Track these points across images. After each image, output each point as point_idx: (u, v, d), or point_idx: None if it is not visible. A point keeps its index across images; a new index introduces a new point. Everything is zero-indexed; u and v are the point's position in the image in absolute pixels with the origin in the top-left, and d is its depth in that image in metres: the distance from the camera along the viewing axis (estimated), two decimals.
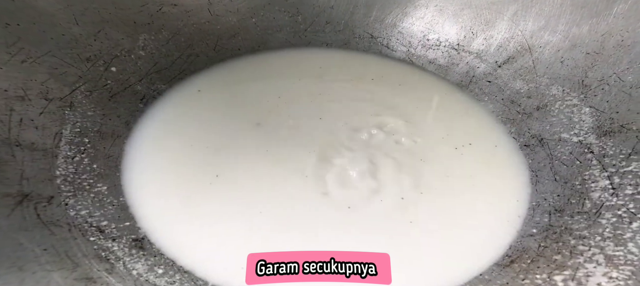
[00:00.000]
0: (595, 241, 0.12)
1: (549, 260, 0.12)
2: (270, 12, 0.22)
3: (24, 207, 0.12)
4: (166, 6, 0.20)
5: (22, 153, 0.13)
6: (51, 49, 0.16)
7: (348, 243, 0.13)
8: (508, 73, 0.20)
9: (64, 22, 0.17)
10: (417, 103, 0.19)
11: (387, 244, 0.13)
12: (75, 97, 0.16)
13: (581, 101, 0.16)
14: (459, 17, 0.21)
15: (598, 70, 0.16)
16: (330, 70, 0.21)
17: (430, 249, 0.13)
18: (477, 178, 0.15)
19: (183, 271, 0.13)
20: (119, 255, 0.12)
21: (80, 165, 0.14)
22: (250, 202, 0.14)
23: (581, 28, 0.17)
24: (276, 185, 0.15)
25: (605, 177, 0.13)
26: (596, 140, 0.15)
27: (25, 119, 0.14)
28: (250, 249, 0.13)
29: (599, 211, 0.13)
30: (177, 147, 0.16)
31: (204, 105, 0.18)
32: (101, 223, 0.13)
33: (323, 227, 0.14)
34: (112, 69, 0.18)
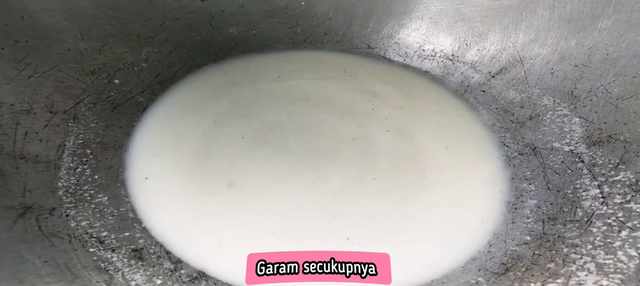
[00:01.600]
0: (586, 249, 0.12)
1: (543, 268, 0.12)
2: (270, 24, 0.23)
3: (26, 219, 0.12)
4: (169, 20, 0.21)
5: (26, 166, 0.14)
6: (57, 64, 0.16)
7: (347, 243, 0.13)
8: (501, 83, 0.20)
9: (70, 38, 0.17)
10: (414, 110, 0.20)
11: (385, 242, 0.13)
12: (79, 110, 0.16)
13: (571, 111, 0.17)
14: (453, 29, 0.22)
15: (586, 82, 0.17)
16: (327, 74, 0.21)
17: (422, 246, 0.13)
18: (460, 180, 0.16)
19: (182, 280, 0.13)
20: (118, 266, 0.13)
21: (82, 176, 0.15)
22: (250, 203, 0.14)
23: (569, 41, 0.18)
24: (276, 187, 0.15)
25: (596, 186, 0.14)
26: (586, 149, 0.15)
27: (30, 132, 0.14)
28: (250, 250, 0.13)
29: (590, 219, 0.13)
30: (176, 155, 0.16)
31: (201, 111, 0.19)
32: (101, 234, 0.13)
33: (322, 227, 0.14)
34: (115, 81, 0.18)
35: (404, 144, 0.17)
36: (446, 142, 0.18)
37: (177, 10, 0.21)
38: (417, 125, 0.18)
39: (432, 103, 0.20)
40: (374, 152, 0.17)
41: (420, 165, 0.16)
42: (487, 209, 0.15)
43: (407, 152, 0.17)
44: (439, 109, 0.20)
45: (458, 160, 0.17)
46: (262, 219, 0.14)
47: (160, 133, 0.17)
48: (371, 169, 0.16)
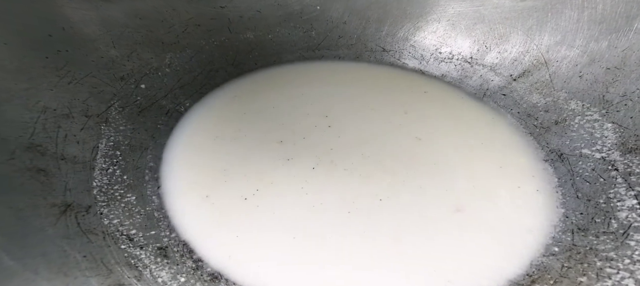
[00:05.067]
0: (624, 264, 0.11)
1: (573, 282, 0.12)
2: (286, 28, 0.23)
3: (67, 216, 0.13)
4: (190, 27, 0.21)
5: (66, 166, 0.15)
6: (92, 71, 0.18)
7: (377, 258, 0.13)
8: (524, 86, 0.19)
9: (103, 46, 0.18)
10: (431, 114, 0.19)
11: (409, 255, 0.13)
12: (110, 113, 0.17)
13: (602, 116, 0.16)
14: (472, 31, 0.22)
15: (620, 85, 0.16)
16: (342, 82, 0.21)
17: (448, 258, 0.13)
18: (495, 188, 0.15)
19: (203, 279, 0.13)
20: (146, 263, 0.13)
21: (113, 177, 0.16)
22: (272, 212, 0.15)
23: (600, 43, 0.17)
24: (294, 192, 0.15)
25: (632, 196, 0.13)
26: (621, 157, 0.14)
27: (69, 135, 0.15)
28: (274, 256, 0.13)
29: (627, 232, 0.12)
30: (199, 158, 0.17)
31: (222, 117, 0.19)
32: (131, 232, 0.14)
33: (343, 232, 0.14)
34: (141, 86, 0.19)
35: (422, 151, 0.17)
36: (466, 147, 0.17)
37: (198, 16, 0.21)
38: (434, 130, 0.18)
39: (449, 107, 0.20)
40: (390, 159, 0.16)
41: (440, 174, 0.16)
42: (512, 217, 0.14)
43: (426, 160, 0.17)
44: (457, 114, 0.19)
45: (478, 166, 0.16)
46: (282, 224, 0.14)
47: (184, 137, 0.18)
48: (392, 182, 0.15)
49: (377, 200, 0.15)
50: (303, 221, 0.14)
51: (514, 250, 0.13)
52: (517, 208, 0.15)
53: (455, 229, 0.14)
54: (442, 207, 0.15)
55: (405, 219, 0.14)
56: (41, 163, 0.14)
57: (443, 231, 0.14)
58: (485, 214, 0.14)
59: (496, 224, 0.14)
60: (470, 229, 0.14)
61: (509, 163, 0.16)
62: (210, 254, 0.14)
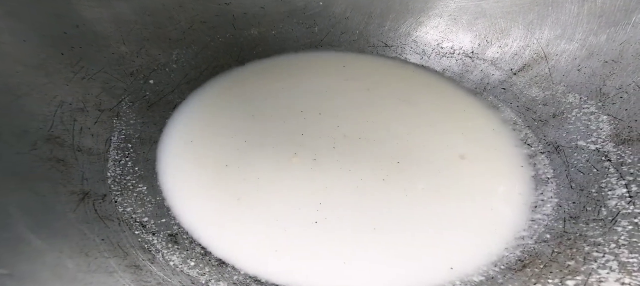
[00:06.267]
0: (609, 248, 0.12)
1: (562, 266, 0.12)
2: (289, 24, 0.24)
3: (85, 203, 0.14)
4: (196, 23, 0.22)
5: (83, 157, 0.15)
6: (103, 66, 0.18)
7: (374, 233, 0.14)
8: (523, 80, 0.20)
9: (114, 43, 0.19)
10: (430, 108, 0.20)
11: (407, 235, 0.14)
12: (121, 108, 0.18)
13: (599, 109, 0.16)
14: (473, 25, 0.22)
15: (616, 78, 0.16)
16: (344, 75, 0.22)
17: (434, 246, 0.14)
18: (480, 182, 0.16)
19: (211, 264, 0.14)
20: (158, 248, 0.14)
21: (125, 168, 0.16)
22: (274, 199, 0.15)
23: (599, 37, 0.17)
24: (296, 180, 0.16)
25: (623, 185, 0.13)
26: (614, 148, 0.15)
27: (84, 128, 0.16)
28: (276, 242, 0.14)
29: (615, 218, 0.13)
30: (204, 150, 0.18)
31: (226, 107, 0.20)
32: (143, 219, 0.15)
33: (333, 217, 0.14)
34: (150, 82, 0.20)
35: (422, 142, 0.17)
36: (465, 139, 0.18)
37: (204, 13, 0.22)
38: (435, 123, 0.18)
39: (449, 101, 0.20)
40: (387, 154, 0.17)
41: (440, 164, 0.16)
42: (506, 207, 0.15)
43: (426, 150, 0.17)
44: (457, 107, 0.20)
45: (477, 157, 0.17)
46: (284, 214, 0.15)
47: (189, 130, 0.19)
48: (389, 170, 0.16)
49: (378, 192, 0.15)
50: (305, 212, 0.15)
51: (506, 237, 0.14)
52: (508, 201, 0.15)
53: (457, 216, 0.14)
54: (443, 197, 0.15)
55: (408, 212, 0.15)
56: (60, 154, 0.15)
57: (444, 220, 0.14)
58: (480, 203, 0.15)
59: (489, 214, 0.15)
60: (466, 217, 0.15)
61: (504, 156, 0.17)
62: (214, 244, 0.14)
